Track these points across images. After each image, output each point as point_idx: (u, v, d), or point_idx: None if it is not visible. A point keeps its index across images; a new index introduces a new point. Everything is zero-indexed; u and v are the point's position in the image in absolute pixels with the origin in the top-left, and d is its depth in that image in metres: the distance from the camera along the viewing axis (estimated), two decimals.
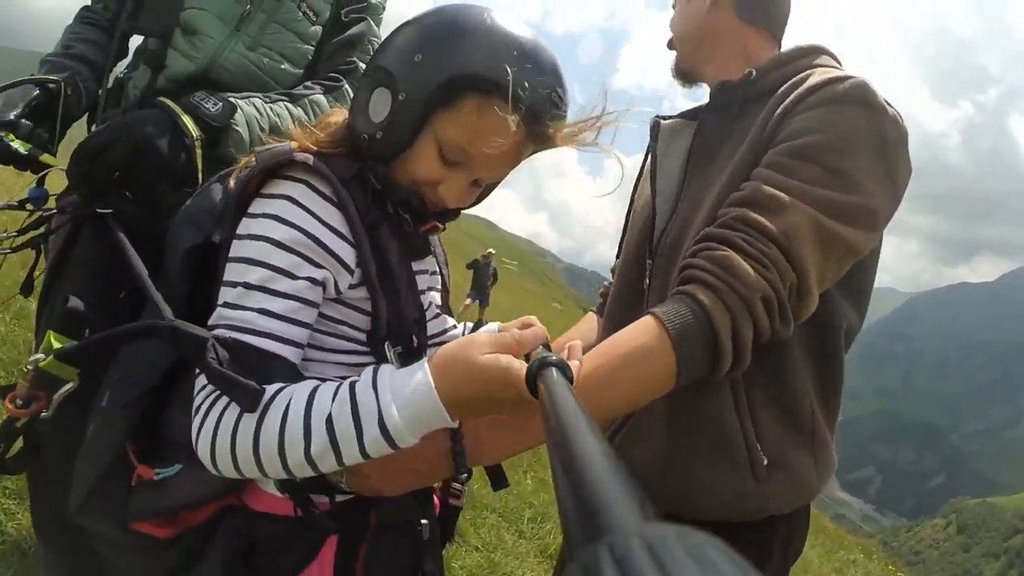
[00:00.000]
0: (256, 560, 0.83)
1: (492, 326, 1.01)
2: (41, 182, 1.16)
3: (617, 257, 1.34)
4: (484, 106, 0.75)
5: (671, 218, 1.08)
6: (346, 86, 1.38)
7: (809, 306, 0.86)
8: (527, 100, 0.75)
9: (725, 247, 0.84)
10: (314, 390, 0.70)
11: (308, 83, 1.36)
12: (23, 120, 1.13)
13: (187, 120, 1.10)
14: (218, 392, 0.72)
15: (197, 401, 0.74)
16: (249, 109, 1.21)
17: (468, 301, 12.10)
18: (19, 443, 0.90)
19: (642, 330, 0.82)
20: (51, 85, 1.19)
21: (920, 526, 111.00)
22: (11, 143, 1.08)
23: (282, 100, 1.28)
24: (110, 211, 1.07)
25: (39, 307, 1.24)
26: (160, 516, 0.84)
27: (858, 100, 0.88)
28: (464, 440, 0.79)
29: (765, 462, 0.96)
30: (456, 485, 0.95)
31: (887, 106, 0.89)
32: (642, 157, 1.27)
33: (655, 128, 1.21)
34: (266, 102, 1.25)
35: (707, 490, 0.98)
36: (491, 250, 13.74)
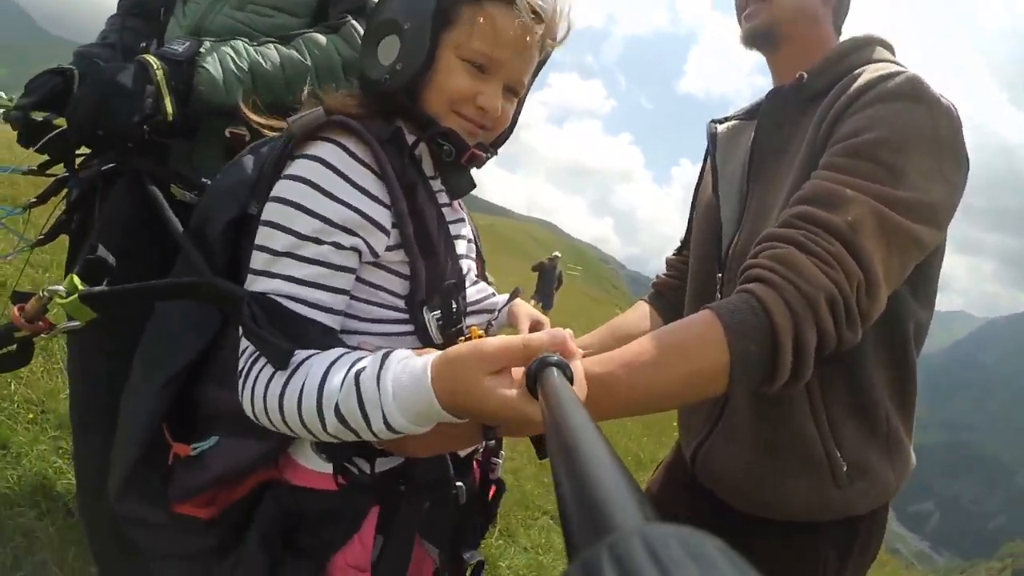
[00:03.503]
0: (298, 537, 0.83)
1: (500, 298, 1.04)
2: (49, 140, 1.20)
3: (675, 253, 1.38)
4: (478, 9, 0.80)
5: (738, 229, 1.07)
6: (352, 23, 1.31)
7: (879, 304, 0.81)
8: None
9: (787, 244, 0.81)
10: (327, 371, 0.68)
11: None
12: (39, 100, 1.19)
13: (149, 57, 1.13)
14: (254, 356, 0.73)
15: (240, 364, 0.75)
16: (223, 48, 1.19)
17: (532, 303, 12.15)
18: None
19: (697, 321, 0.79)
20: (67, 71, 1.24)
21: (975, 567, 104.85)
22: (31, 115, 1.15)
23: (271, 41, 1.26)
24: (130, 169, 1.15)
25: (67, 264, 1.29)
26: (202, 493, 0.83)
27: (910, 95, 0.87)
28: None
29: (845, 468, 0.98)
30: (494, 459, 0.96)
31: (940, 99, 0.88)
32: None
33: (712, 134, 1.21)
34: (251, 43, 1.23)
35: (792, 497, 1.01)
36: (557, 253, 13.85)
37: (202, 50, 1.17)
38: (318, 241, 0.75)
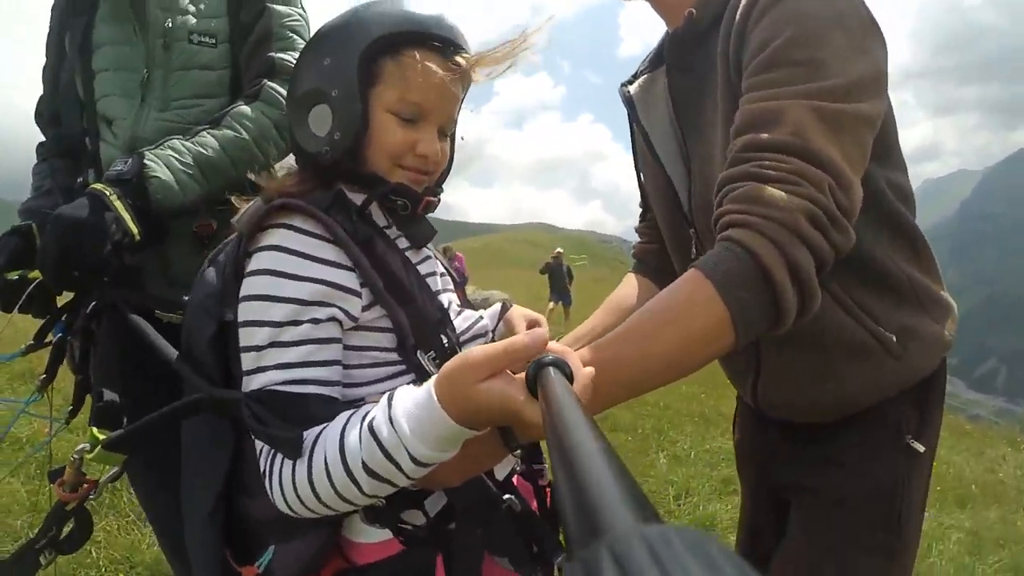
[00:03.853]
0: None
1: (496, 308, 1.04)
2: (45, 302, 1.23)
3: (641, 221, 1.35)
4: (399, 60, 0.82)
5: (691, 182, 1.06)
6: (268, 85, 1.31)
7: (856, 194, 0.78)
8: (427, 32, 0.82)
9: (744, 181, 0.78)
10: (342, 434, 0.69)
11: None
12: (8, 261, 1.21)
13: (98, 185, 1.13)
14: (271, 452, 0.74)
15: (261, 465, 0.74)
16: (163, 152, 1.20)
17: (552, 305, 12.20)
18: (70, 525, 0.97)
19: (684, 281, 0.76)
20: (22, 227, 1.25)
21: None
22: (5, 276, 1.17)
23: (203, 129, 1.26)
24: (111, 303, 1.15)
25: (74, 401, 1.28)
26: None
27: None
28: None
29: (895, 339, 0.99)
30: (536, 465, 0.95)
31: None
32: None
33: (628, 97, 1.18)
34: (186, 139, 1.24)
35: (858, 388, 1.02)
36: (559, 249, 13.90)
37: (146, 161, 1.17)
38: (295, 323, 0.75)
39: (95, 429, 0.89)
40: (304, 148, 0.86)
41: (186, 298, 0.91)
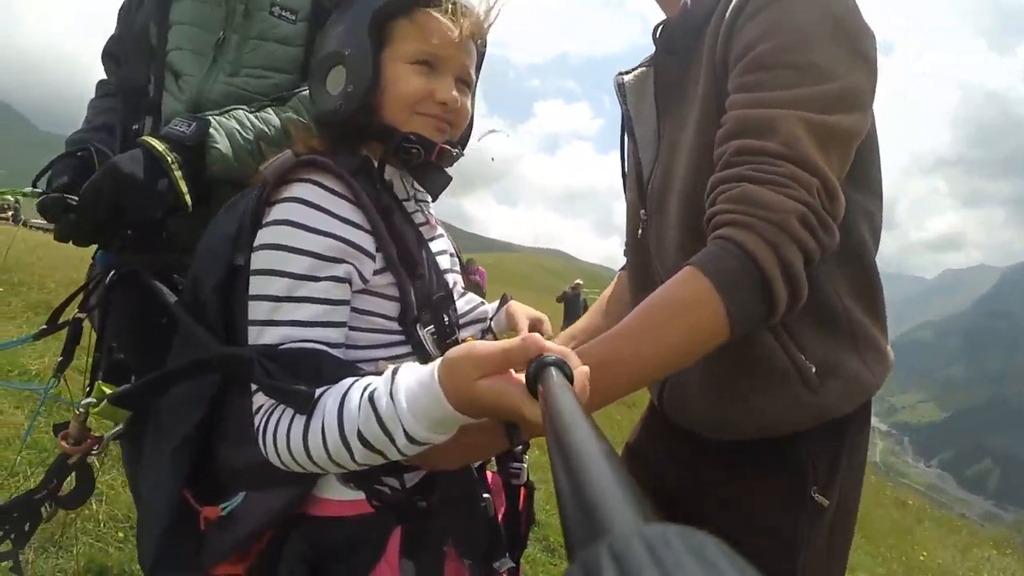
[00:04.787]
0: (325, 568, 0.83)
1: (490, 307, 1.06)
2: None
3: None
4: (414, 19, 0.86)
5: (654, 166, 1.08)
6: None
7: (841, 202, 0.81)
8: None
9: (738, 183, 0.80)
10: (342, 402, 0.70)
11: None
12: (74, 181, 1.21)
13: (159, 145, 1.11)
14: (270, 409, 0.75)
15: (256, 421, 0.76)
16: (228, 122, 1.18)
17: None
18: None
19: (683, 279, 0.78)
20: (80, 153, 1.27)
21: None
22: (71, 200, 1.14)
23: (269, 105, 1.26)
24: (135, 268, 1.16)
25: (92, 369, 1.25)
26: (238, 550, 0.84)
27: None
28: None
29: (814, 370, 0.95)
30: (515, 464, 0.96)
31: None
32: None
33: (620, 84, 1.19)
34: (251, 111, 1.23)
35: (765, 411, 0.97)
36: (579, 281, 13.79)
37: (211, 131, 1.16)
38: (315, 278, 0.77)
39: (102, 384, 0.91)
40: (323, 109, 0.90)
41: None
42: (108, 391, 0.89)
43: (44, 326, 1.20)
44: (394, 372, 0.68)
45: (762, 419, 0.98)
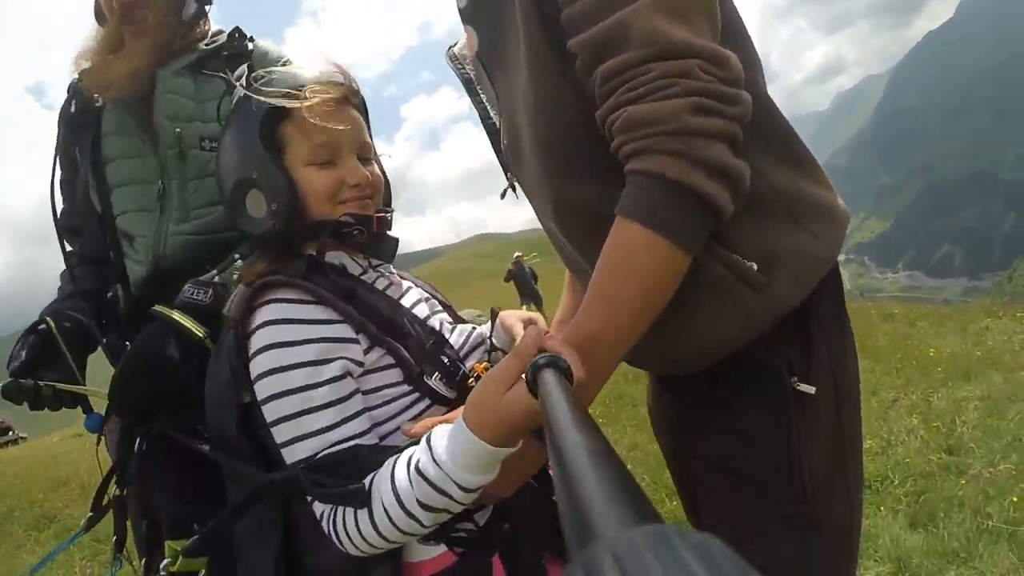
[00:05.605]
0: None
1: (485, 327, 1.07)
2: (88, 408, 1.24)
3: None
4: (294, 121, 0.91)
5: (499, 127, 1.02)
6: None
7: (733, 62, 0.71)
8: (303, 88, 0.90)
9: (619, 110, 0.72)
10: (393, 482, 0.74)
11: None
12: (32, 359, 1.21)
13: (188, 324, 1.09)
14: (331, 512, 0.79)
15: (325, 527, 0.80)
16: (233, 281, 1.13)
17: (524, 308, 12.32)
18: None
19: (615, 233, 0.73)
20: (40, 327, 1.25)
21: (1018, 267, 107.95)
22: (43, 388, 1.14)
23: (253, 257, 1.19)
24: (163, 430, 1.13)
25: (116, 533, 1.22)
26: None
27: None
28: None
29: (755, 267, 0.82)
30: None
31: None
32: None
33: (454, 58, 1.09)
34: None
35: (716, 328, 0.84)
36: (518, 254, 13.98)
37: (227, 296, 1.11)
38: (316, 386, 0.81)
39: (171, 542, 0.95)
40: (255, 233, 0.94)
41: None
42: (177, 547, 0.93)
43: (91, 514, 1.20)
44: (428, 439, 0.73)
45: (715, 339, 0.85)
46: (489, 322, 1.07)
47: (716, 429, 0.92)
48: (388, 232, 0.99)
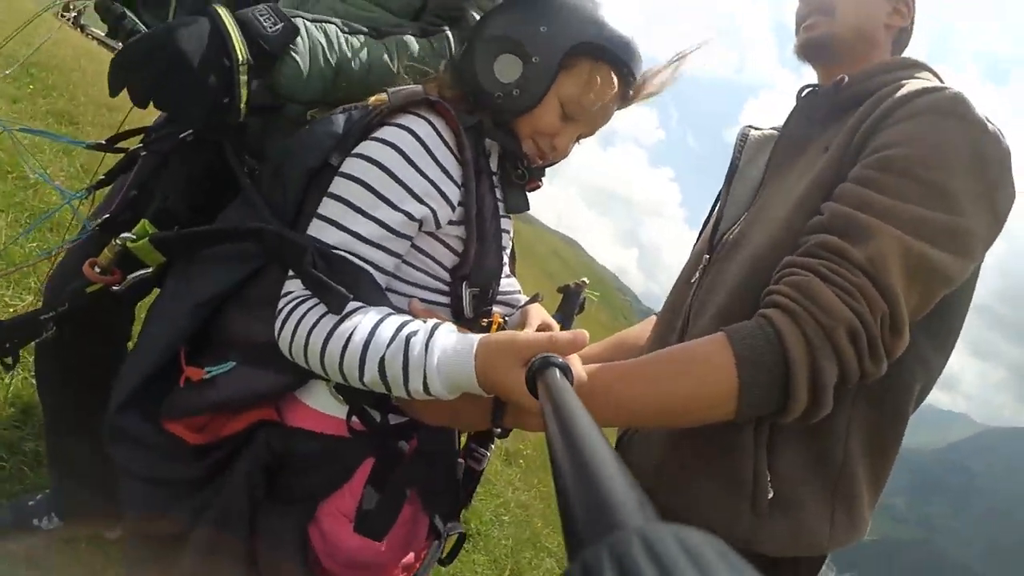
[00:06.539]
0: (283, 478, 0.84)
1: (523, 298, 1.11)
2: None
3: None
4: (595, 68, 0.91)
5: (735, 223, 1.04)
6: (448, 33, 1.15)
7: (903, 340, 0.76)
8: (623, 56, 0.91)
9: (807, 273, 0.77)
10: (377, 324, 0.74)
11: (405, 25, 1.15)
12: None
13: (236, 40, 0.90)
14: (301, 298, 0.78)
15: (281, 304, 0.79)
16: (317, 35, 0.99)
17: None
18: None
19: (709, 340, 0.76)
20: None
21: None
22: (136, 21, 1.01)
23: (362, 33, 1.07)
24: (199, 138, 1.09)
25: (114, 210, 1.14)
26: (199, 414, 0.84)
27: (953, 112, 0.81)
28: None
29: (771, 496, 0.86)
30: (481, 449, 1.00)
31: (987, 122, 0.81)
32: None
33: (743, 137, 1.18)
34: (343, 31, 1.04)
35: (699, 502, 0.90)
36: (585, 279, 14.31)
37: (298, 39, 0.96)
38: (394, 207, 0.81)
39: (148, 224, 0.89)
40: (480, 81, 0.92)
41: None
42: (151, 231, 0.88)
43: (103, 141, 1.14)
44: (435, 326, 0.74)
45: (696, 508, 0.92)
46: (527, 299, 1.10)
47: None
48: (526, 195, 1.03)
